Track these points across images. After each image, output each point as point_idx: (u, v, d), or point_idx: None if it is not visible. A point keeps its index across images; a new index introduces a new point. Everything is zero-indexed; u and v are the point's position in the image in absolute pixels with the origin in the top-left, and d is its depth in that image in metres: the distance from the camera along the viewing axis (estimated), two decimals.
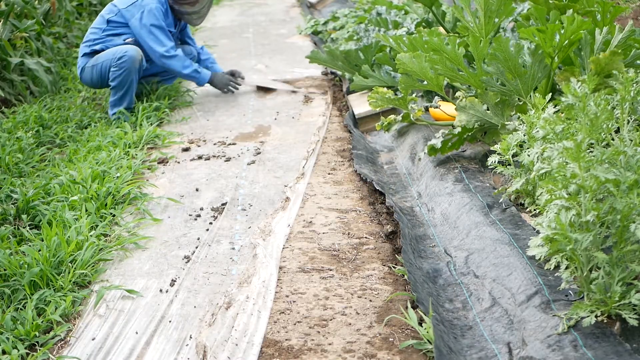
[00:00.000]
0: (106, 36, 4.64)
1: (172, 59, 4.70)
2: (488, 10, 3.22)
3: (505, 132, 3.00)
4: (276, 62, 6.30)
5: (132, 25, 4.63)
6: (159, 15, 4.64)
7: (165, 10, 4.72)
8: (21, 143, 3.93)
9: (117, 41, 4.63)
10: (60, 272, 2.52)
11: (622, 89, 2.18)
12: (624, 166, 1.80)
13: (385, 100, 3.64)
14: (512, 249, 2.28)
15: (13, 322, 2.21)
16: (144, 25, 4.60)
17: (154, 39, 4.63)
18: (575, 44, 2.82)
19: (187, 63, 4.79)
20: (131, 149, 3.89)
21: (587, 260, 1.80)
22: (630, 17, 4.84)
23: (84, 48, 4.67)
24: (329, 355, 2.02)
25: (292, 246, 2.74)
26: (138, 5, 4.64)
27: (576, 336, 1.74)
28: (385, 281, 2.43)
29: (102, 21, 4.69)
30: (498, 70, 2.91)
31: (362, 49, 4.61)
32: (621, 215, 1.71)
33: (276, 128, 4.38)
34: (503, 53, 2.85)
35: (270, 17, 8.97)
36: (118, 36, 4.65)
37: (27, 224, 2.94)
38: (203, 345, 2.06)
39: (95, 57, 4.61)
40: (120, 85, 4.51)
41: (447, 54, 3.01)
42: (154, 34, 4.62)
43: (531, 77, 2.91)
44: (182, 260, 2.67)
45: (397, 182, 3.36)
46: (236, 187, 3.39)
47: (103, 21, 4.69)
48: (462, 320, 2.14)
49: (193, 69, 4.81)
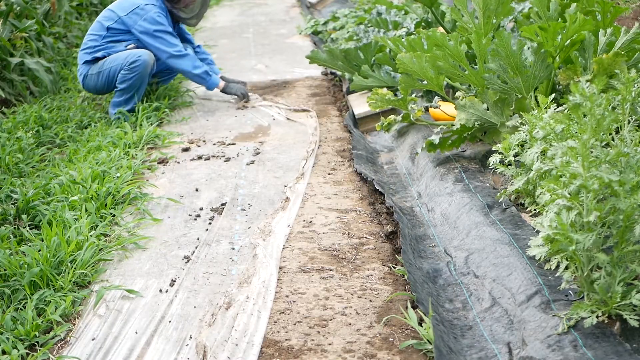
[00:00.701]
0: (107, 43, 4.61)
1: (182, 58, 4.66)
2: (487, 10, 3.22)
3: (505, 130, 3.00)
4: (276, 62, 6.30)
5: (136, 32, 4.59)
6: (162, 19, 4.62)
7: (166, 14, 4.71)
8: (21, 143, 3.93)
9: (119, 47, 4.60)
10: (60, 272, 2.52)
11: (624, 89, 2.18)
12: (624, 166, 1.80)
13: (385, 101, 3.64)
14: (512, 249, 2.28)
15: (13, 322, 2.21)
16: (149, 31, 4.57)
17: (162, 42, 4.60)
18: (577, 44, 2.82)
19: (198, 63, 4.73)
20: (131, 149, 3.89)
21: (588, 261, 1.80)
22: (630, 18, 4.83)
23: (84, 55, 4.63)
24: (329, 355, 2.02)
25: (292, 246, 2.74)
26: (139, 12, 4.60)
27: (576, 336, 1.74)
28: (385, 281, 2.43)
29: (101, 28, 4.64)
30: (500, 67, 2.91)
31: (362, 48, 4.60)
32: (624, 216, 1.71)
33: (276, 128, 4.38)
34: (505, 49, 2.84)
35: (270, 17, 8.97)
36: (119, 42, 4.62)
37: (27, 224, 2.94)
38: (203, 345, 2.06)
39: (99, 64, 4.57)
40: (128, 89, 4.52)
41: (450, 50, 3.01)
42: (162, 38, 4.60)
43: (533, 76, 2.91)
44: (182, 260, 2.67)
45: (397, 182, 3.36)
46: (236, 187, 3.39)
47: (102, 28, 4.63)
48: (462, 320, 2.14)
49: (204, 70, 4.74)
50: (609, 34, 2.85)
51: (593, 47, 2.89)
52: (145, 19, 4.59)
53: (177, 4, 4.73)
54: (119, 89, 4.53)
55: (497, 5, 3.22)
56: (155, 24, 4.60)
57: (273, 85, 5.52)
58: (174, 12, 4.77)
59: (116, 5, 4.72)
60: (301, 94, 5.20)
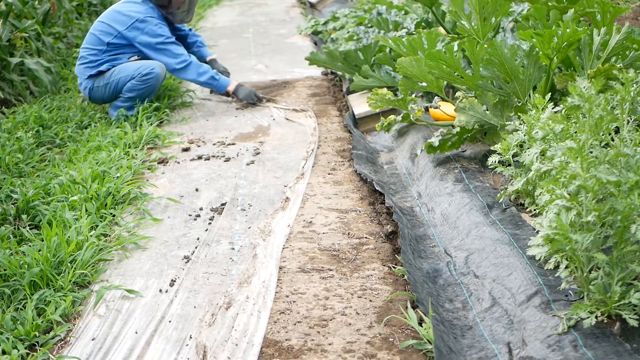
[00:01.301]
0: (108, 56, 4.59)
1: (186, 69, 4.64)
2: (482, 11, 3.22)
3: (505, 133, 3.00)
4: (276, 62, 6.30)
5: (139, 45, 4.58)
6: (162, 29, 4.61)
7: (164, 22, 4.69)
8: (21, 143, 3.93)
9: (123, 59, 4.60)
10: (60, 272, 2.52)
11: (622, 89, 2.18)
12: (624, 167, 1.80)
13: (385, 102, 3.64)
14: (512, 249, 2.28)
15: (13, 322, 2.21)
16: (152, 44, 4.56)
17: (165, 54, 4.59)
18: (574, 45, 2.84)
19: (202, 70, 4.68)
20: (131, 149, 3.89)
21: (587, 261, 1.80)
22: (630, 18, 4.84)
23: (88, 70, 4.59)
24: (329, 355, 2.02)
25: (292, 246, 2.74)
26: (139, 26, 4.57)
27: (576, 336, 1.74)
28: (385, 281, 2.43)
29: (99, 42, 4.59)
30: (494, 74, 2.94)
31: (362, 49, 4.60)
32: (622, 216, 1.71)
33: (276, 128, 4.38)
34: (499, 57, 2.87)
35: (271, 17, 8.97)
36: (122, 55, 4.61)
37: (27, 224, 2.94)
38: (203, 345, 2.06)
39: (106, 75, 4.55)
40: (135, 97, 4.54)
41: (446, 62, 3.03)
42: (165, 50, 4.59)
43: (528, 79, 2.93)
44: (182, 260, 2.67)
45: (397, 182, 3.36)
46: (236, 187, 3.39)
47: (101, 42, 4.58)
48: (462, 320, 2.14)
49: (209, 76, 4.70)
50: (603, 34, 2.88)
51: (589, 47, 2.92)
52: (146, 33, 4.57)
53: (169, 8, 4.69)
54: (126, 97, 4.53)
55: (493, 7, 3.23)
56: (157, 37, 4.58)
57: (273, 85, 5.52)
58: (168, 17, 4.75)
59: (111, 19, 4.64)
60: (301, 94, 5.20)
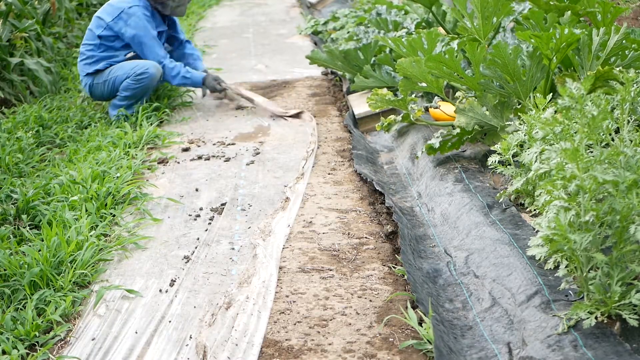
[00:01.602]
0: (102, 52, 4.57)
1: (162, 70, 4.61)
2: (486, 10, 3.22)
3: (504, 134, 3.00)
4: (276, 62, 6.30)
5: (125, 38, 4.56)
6: (145, 23, 4.55)
7: (152, 13, 4.64)
8: (21, 143, 3.93)
9: (119, 58, 4.58)
10: (60, 272, 2.52)
11: (622, 89, 2.18)
12: (623, 166, 1.80)
13: (385, 102, 3.64)
14: (512, 249, 2.28)
15: (13, 322, 2.21)
16: (133, 36, 4.53)
17: (143, 48, 4.57)
18: (573, 45, 2.84)
19: (174, 72, 4.64)
20: (131, 149, 3.89)
21: (586, 261, 1.80)
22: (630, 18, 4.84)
23: (86, 67, 4.59)
24: (329, 355, 2.02)
25: (292, 246, 2.74)
26: (124, 17, 4.55)
27: (576, 336, 1.74)
28: (385, 281, 2.43)
29: (93, 36, 4.59)
30: (496, 74, 2.94)
31: (362, 48, 4.60)
32: (620, 216, 1.71)
33: (276, 128, 4.38)
34: (502, 58, 2.88)
35: (270, 17, 8.97)
36: (117, 51, 4.58)
37: (27, 224, 2.94)
38: (203, 345, 2.06)
39: (105, 73, 4.55)
40: (130, 97, 4.53)
41: (446, 64, 3.03)
42: (143, 43, 4.55)
43: (529, 79, 2.93)
44: (182, 260, 2.67)
45: (397, 182, 3.36)
46: (236, 187, 3.39)
47: (93, 36, 4.58)
48: (462, 320, 2.14)
49: (181, 76, 4.65)
50: (602, 34, 2.88)
51: (588, 47, 2.92)
52: (128, 24, 4.54)
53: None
54: (122, 95, 4.52)
55: (495, 6, 3.23)
56: (137, 29, 4.53)
57: (273, 85, 5.51)
58: (158, 8, 4.68)
59: (103, 11, 4.65)
60: (301, 94, 5.20)
